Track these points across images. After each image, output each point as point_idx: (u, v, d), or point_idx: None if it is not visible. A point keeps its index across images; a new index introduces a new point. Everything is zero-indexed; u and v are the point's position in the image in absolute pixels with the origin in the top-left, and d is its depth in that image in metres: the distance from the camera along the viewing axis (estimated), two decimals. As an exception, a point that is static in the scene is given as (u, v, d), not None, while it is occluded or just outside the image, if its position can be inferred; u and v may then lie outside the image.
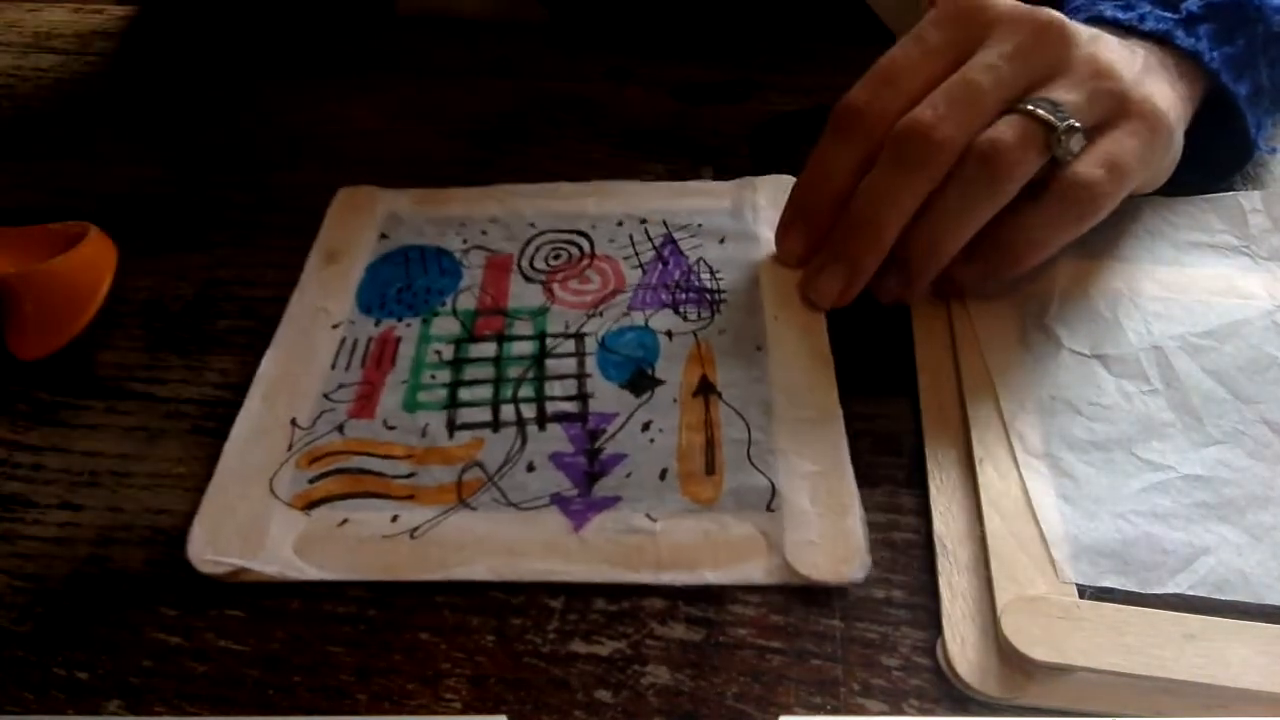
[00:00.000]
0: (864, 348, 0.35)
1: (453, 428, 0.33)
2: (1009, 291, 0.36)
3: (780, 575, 0.29)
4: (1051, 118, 0.32)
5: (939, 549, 0.29)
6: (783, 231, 0.37)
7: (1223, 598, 0.27)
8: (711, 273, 0.38)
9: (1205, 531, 0.29)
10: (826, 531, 0.29)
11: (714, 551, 0.29)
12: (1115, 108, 0.34)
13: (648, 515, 0.30)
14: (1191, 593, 0.28)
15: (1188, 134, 0.37)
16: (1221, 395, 0.32)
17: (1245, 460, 0.31)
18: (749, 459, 0.32)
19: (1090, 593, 0.28)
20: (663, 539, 0.30)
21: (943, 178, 0.33)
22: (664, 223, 0.41)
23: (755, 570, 0.29)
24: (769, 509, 0.30)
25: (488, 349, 0.36)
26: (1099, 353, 0.34)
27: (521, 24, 0.55)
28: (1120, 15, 0.37)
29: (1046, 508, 0.29)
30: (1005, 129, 0.32)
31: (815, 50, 0.52)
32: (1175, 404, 0.32)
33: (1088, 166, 0.33)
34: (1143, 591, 0.28)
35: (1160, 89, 0.35)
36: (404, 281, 0.38)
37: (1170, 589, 0.28)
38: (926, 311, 0.36)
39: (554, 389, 0.34)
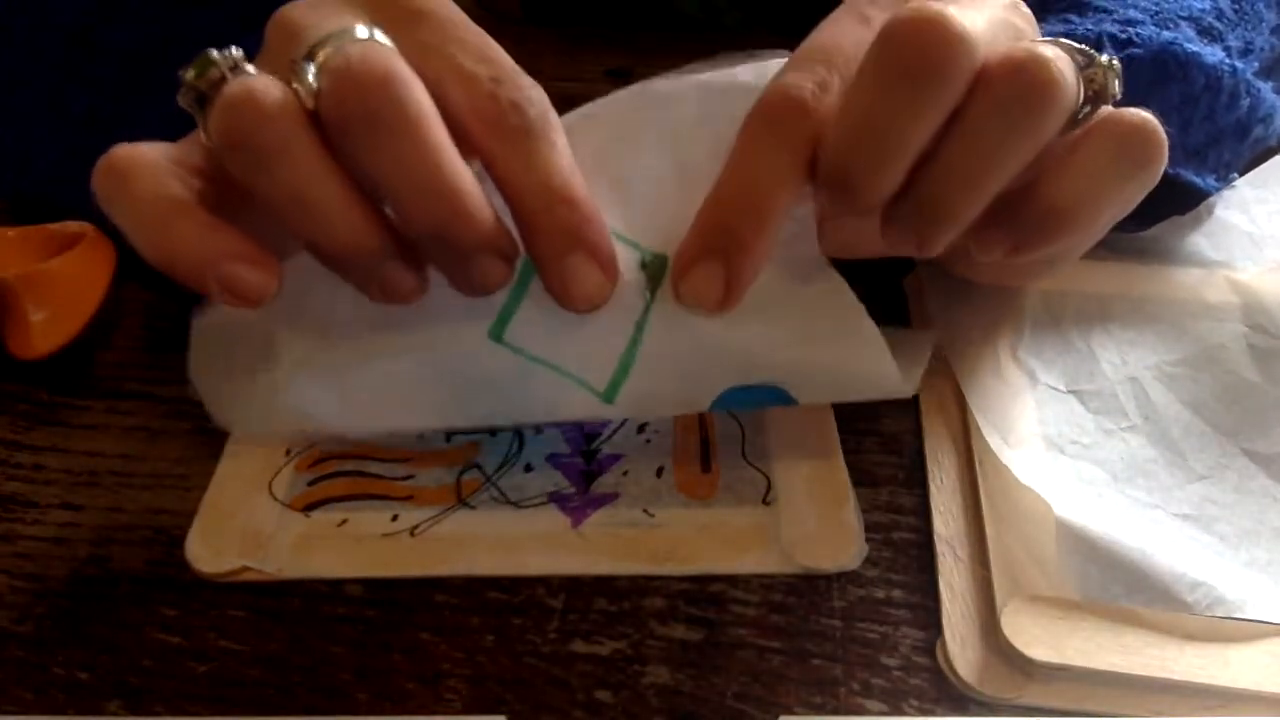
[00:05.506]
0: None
1: (450, 433, 0.33)
2: (1030, 277, 0.34)
3: (779, 565, 0.29)
4: (1086, 48, 0.25)
5: (939, 549, 0.29)
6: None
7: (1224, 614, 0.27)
8: None
9: (1201, 565, 0.28)
10: (823, 521, 0.30)
11: (712, 544, 0.30)
12: None
13: (645, 510, 0.30)
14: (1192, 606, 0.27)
15: None
16: (1201, 428, 0.32)
17: (1232, 495, 0.31)
18: (744, 456, 0.32)
19: (1090, 593, 0.28)
20: (661, 532, 0.30)
21: (955, 101, 0.24)
22: None
23: (754, 561, 0.29)
24: (765, 502, 0.31)
25: None
26: (1075, 388, 0.33)
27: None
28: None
29: (1045, 508, 0.29)
30: (1039, 46, 0.24)
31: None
32: (1155, 439, 0.32)
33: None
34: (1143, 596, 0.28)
35: None
36: None
37: (1172, 607, 0.27)
38: (921, 313, 0.36)
39: None
